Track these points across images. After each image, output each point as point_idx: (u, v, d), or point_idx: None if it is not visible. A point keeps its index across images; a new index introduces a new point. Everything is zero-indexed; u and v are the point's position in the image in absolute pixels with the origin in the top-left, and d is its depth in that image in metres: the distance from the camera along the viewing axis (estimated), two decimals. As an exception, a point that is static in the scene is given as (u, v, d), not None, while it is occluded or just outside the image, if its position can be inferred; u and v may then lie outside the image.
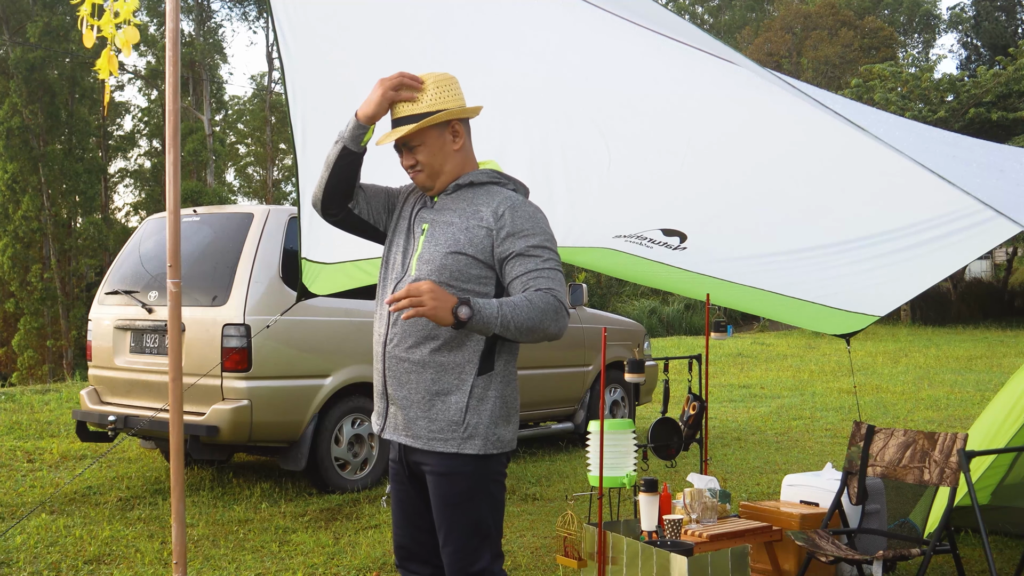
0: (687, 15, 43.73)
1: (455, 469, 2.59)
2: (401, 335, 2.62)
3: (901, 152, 3.59)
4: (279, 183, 41.60)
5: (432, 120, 2.64)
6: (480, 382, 2.60)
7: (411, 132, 2.64)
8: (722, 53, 3.43)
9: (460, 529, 2.61)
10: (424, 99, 2.65)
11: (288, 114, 3.90)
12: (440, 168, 2.69)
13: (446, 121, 2.67)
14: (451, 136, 2.69)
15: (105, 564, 4.82)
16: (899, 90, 23.17)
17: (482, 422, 2.60)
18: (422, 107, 2.64)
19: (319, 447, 6.29)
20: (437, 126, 2.67)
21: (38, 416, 9.24)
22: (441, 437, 2.59)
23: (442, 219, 2.67)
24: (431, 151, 2.67)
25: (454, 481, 2.60)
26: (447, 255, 2.59)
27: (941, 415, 10.32)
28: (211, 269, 6.31)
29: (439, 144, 2.67)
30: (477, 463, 2.60)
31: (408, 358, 2.61)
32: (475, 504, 2.61)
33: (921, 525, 4.63)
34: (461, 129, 2.71)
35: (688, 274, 5.11)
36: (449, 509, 2.61)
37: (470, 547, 2.61)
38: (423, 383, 2.60)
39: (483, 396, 2.61)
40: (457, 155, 2.70)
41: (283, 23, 3.64)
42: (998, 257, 29.22)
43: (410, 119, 2.65)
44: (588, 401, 8.23)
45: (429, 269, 2.60)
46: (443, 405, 2.59)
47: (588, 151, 4.35)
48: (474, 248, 2.60)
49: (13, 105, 28.36)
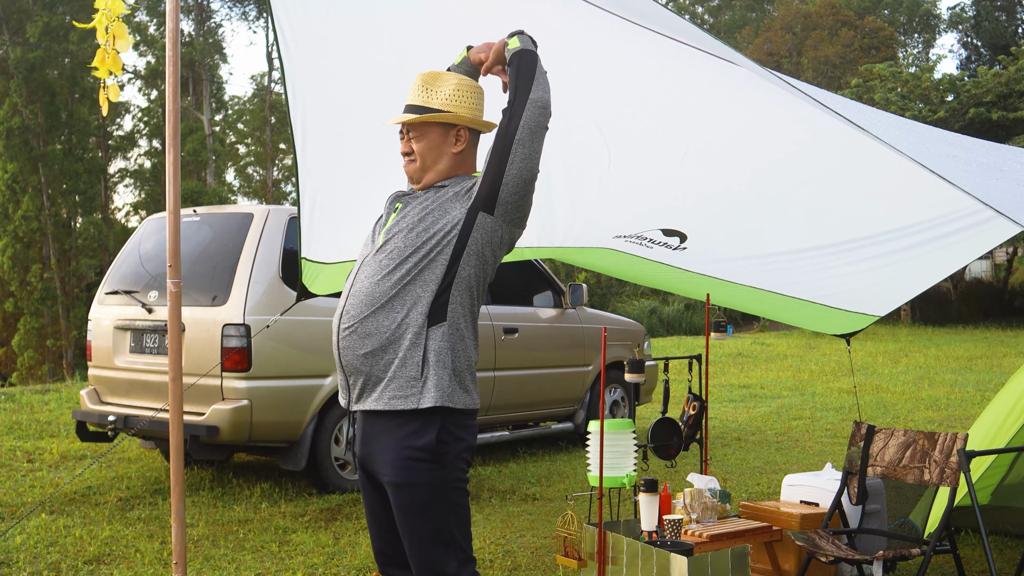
0: (687, 15, 43.71)
1: (411, 480, 2.57)
2: (355, 303, 2.63)
3: (901, 152, 3.59)
4: (279, 183, 41.59)
5: (435, 118, 2.69)
6: (433, 334, 2.57)
7: (413, 122, 2.71)
8: (722, 53, 3.43)
9: (421, 538, 2.60)
10: (440, 96, 2.70)
11: (288, 114, 3.90)
12: (431, 164, 2.73)
13: (452, 124, 2.71)
14: (453, 139, 2.73)
15: (105, 564, 4.82)
16: (899, 90, 23.17)
17: (441, 374, 2.56)
18: (435, 103, 2.70)
19: (319, 447, 6.28)
20: (441, 126, 2.71)
21: (38, 416, 9.24)
22: (401, 395, 2.57)
23: (416, 202, 2.70)
24: (428, 146, 2.72)
25: (412, 492, 2.58)
26: (412, 225, 2.62)
27: (941, 415, 10.32)
28: (211, 269, 6.31)
29: (438, 143, 2.72)
30: (431, 472, 2.56)
31: (357, 326, 2.60)
32: (434, 513, 2.59)
33: (921, 525, 4.63)
34: (466, 136, 2.74)
35: (688, 274, 5.11)
36: (409, 519, 2.60)
37: (435, 556, 2.60)
38: (374, 346, 2.59)
39: (439, 350, 2.57)
40: (453, 158, 2.74)
41: (283, 23, 3.64)
42: (998, 257, 29.20)
43: (418, 109, 2.71)
44: (588, 401, 8.23)
45: (392, 236, 2.64)
46: (399, 363, 2.57)
47: (588, 151, 4.35)
48: (445, 218, 2.62)
49: (13, 105, 28.36)
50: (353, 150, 4.10)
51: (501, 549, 5.11)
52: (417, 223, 2.63)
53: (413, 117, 2.70)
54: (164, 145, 7.47)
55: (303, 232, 4.20)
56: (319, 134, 3.97)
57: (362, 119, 3.97)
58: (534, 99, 2.62)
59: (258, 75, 49.22)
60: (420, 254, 2.60)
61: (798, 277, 4.99)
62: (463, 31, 3.69)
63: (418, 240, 2.61)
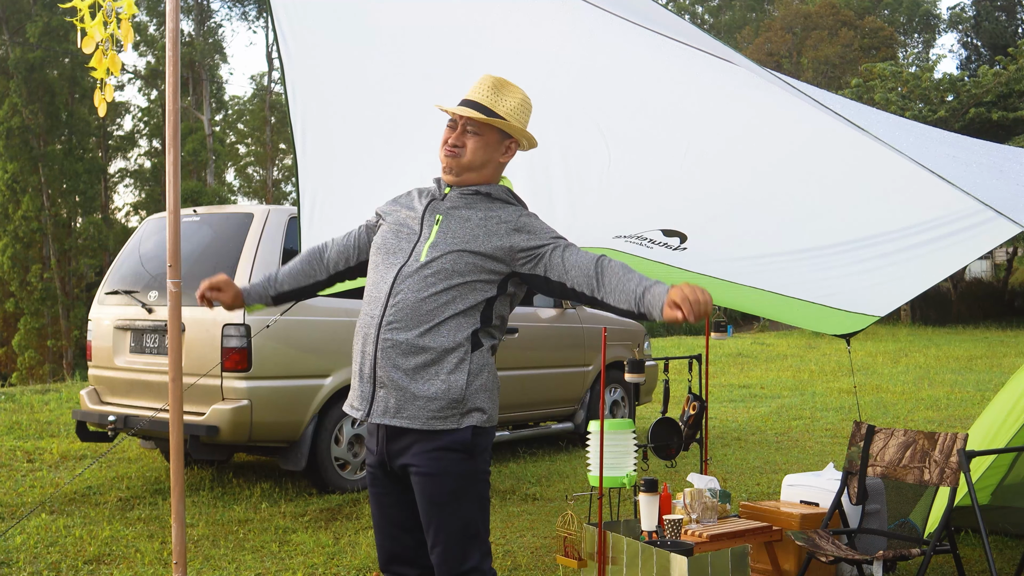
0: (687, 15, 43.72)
1: (444, 470, 2.60)
2: (401, 317, 2.64)
3: (901, 152, 3.59)
4: (279, 183, 41.60)
5: (502, 125, 2.74)
6: (475, 358, 2.65)
7: (481, 120, 2.73)
8: (722, 53, 3.43)
9: (448, 530, 2.61)
10: (507, 104, 2.75)
11: (288, 114, 3.90)
12: (477, 165, 2.76)
13: (508, 135, 2.78)
14: (504, 149, 2.79)
15: (105, 564, 4.82)
16: (899, 90, 23.18)
17: (480, 397, 2.64)
18: (501, 109, 2.74)
19: (319, 447, 6.28)
20: (500, 132, 2.77)
21: (38, 416, 9.24)
22: (441, 416, 2.60)
23: (457, 214, 2.73)
24: (481, 146, 2.75)
25: (442, 481, 2.61)
26: (461, 250, 2.65)
27: (941, 415, 10.32)
28: (211, 269, 6.28)
29: (492, 147, 2.77)
30: (464, 463, 2.62)
31: (406, 340, 2.62)
32: (463, 504, 2.62)
33: (921, 525, 4.63)
34: (514, 150, 2.82)
35: (688, 274, 5.10)
36: (436, 509, 2.61)
37: (460, 547, 2.61)
38: (420, 363, 2.61)
39: (478, 372, 2.65)
40: (497, 166, 2.81)
41: (283, 23, 3.64)
42: (998, 257, 29.22)
43: (484, 110, 2.73)
44: (588, 401, 8.23)
45: (444, 260, 2.65)
46: (442, 383, 2.60)
47: (588, 151, 4.34)
48: (490, 244, 2.66)
49: (13, 105, 28.37)
50: (353, 150, 4.10)
51: (501, 549, 5.11)
52: (467, 244, 2.67)
53: (483, 117, 2.72)
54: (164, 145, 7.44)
55: (303, 232, 4.20)
56: (319, 134, 3.97)
57: (363, 118, 3.97)
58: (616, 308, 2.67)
59: (258, 75, 49.29)
60: (468, 278, 2.66)
61: (798, 277, 4.98)
62: (463, 31, 3.70)
63: (466, 268, 2.66)
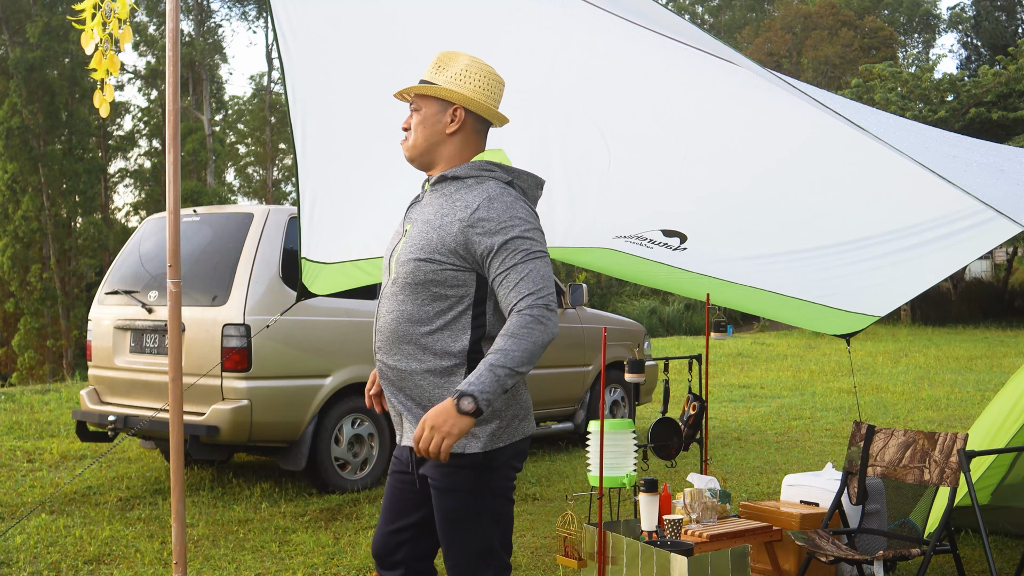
0: (687, 15, 43.70)
1: (455, 485, 2.50)
2: (383, 340, 2.56)
3: (901, 152, 3.59)
4: (279, 183, 41.59)
5: (428, 91, 2.59)
6: None
7: (408, 91, 2.63)
8: (722, 53, 3.43)
9: (461, 546, 2.54)
10: (447, 73, 2.60)
11: (288, 114, 3.90)
12: (423, 143, 2.61)
13: (448, 103, 2.60)
14: (448, 119, 2.60)
15: (105, 564, 4.82)
16: (899, 90, 23.17)
17: (484, 418, 2.47)
18: (439, 79, 2.60)
19: (319, 447, 6.28)
20: (439, 102, 2.60)
21: (38, 416, 9.24)
22: None
23: (422, 217, 2.58)
24: (422, 122, 2.61)
25: (454, 498, 2.51)
26: (418, 261, 2.50)
27: (941, 415, 10.32)
28: (211, 269, 6.31)
29: (433, 120, 2.60)
30: (478, 480, 2.50)
31: (394, 365, 2.54)
32: (477, 522, 2.52)
33: (921, 525, 4.63)
34: (462, 117, 2.59)
35: (688, 274, 5.11)
36: (449, 525, 2.53)
37: (471, 564, 2.55)
38: (412, 386, 2.53)
39: None
40: (450, 140, 2.61)
41: (283, 23, 3.64)
42: (998, 257, 29.21)
43: (423, 82, 2.62)
44: (588, 401, 8.22)
45: (405, 272, 2.53)
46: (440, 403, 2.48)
47: (588, 151, 4.35)
48: (446, 249, 2.47)
49: (13, 105, 28.36)
50: (353, 150, 4.10)
51: (501, 549, 5.11)
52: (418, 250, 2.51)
53: (409, 88, 2.61)
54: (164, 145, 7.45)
55: (303, 232, 4.20)
56: (319, 134, 3.97)
57: (362, 119, 3.97)
58: (548, 342, 2.41)
59: (258, 75, 49.30)
60: (434, 290, 2.50)
61: (798, 277, 4.99)
62: (464, 31, 3.70)
63: (426, 277, 2.49)
